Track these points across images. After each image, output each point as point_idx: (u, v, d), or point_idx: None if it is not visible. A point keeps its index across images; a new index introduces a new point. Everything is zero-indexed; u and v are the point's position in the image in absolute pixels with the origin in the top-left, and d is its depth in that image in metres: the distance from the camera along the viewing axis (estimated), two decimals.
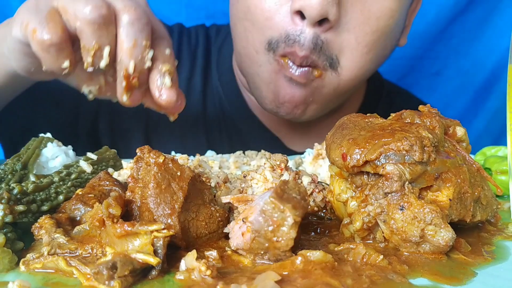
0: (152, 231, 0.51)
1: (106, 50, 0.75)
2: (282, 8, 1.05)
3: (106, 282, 0.47)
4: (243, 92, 1.43)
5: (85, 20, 0.72)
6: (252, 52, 1.14)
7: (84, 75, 0.81)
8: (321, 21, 1.01)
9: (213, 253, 0.54)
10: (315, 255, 0.51)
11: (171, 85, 0.78)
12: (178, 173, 0.58)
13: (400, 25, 1.17)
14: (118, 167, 0.85)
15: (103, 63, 0.75)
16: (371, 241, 0.60)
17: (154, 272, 0.51)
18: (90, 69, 0.76)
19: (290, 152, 1.28)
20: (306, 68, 1.07)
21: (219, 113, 1.45)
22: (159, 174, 0.57)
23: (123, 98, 0.78)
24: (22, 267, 0.53)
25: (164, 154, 0.59)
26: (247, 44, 1.15)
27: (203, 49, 1.50)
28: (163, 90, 0.77)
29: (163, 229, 0.52)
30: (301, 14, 1.02)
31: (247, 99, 1.43)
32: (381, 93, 1.54)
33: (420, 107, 0.68)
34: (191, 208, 0.58)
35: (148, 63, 0.77)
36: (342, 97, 1.24)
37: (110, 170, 0.78)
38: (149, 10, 0.82)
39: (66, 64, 0.75)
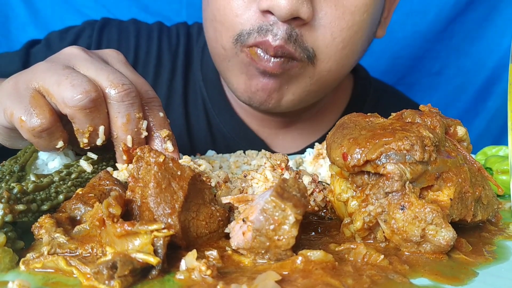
0: (152, 231, 0.51)
1: (101, 130, 0.75)
2: (252, 6, 1.03)
3: (106, 282, 0.47)
4: (226, 92, 1.41)
5: (76, 107, 0.71)
6: (221, 50, 1.12)
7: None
8: (294, 18, 0.99)
9: (213, 253, 0.54)
10: (315, 255, 0.51)
11: (173, 149, 0.80)
12: (179, 173, 0.58)
13: (376, 18, 1.16)
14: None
15: (99, 142, 0.76)
16: (371, 241, 0.60)
17: (154, 272, 0.50)
18: (86, 147, 0.77)
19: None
20: (280, 59, 1.04)
21: (202, 115, 1.43)
22: (159, 174, 0.57)
23: (124, 166, 0.79)
24: (22, 267, 0.52)
25: (165, 154, 0.59)
26: (216, 44, 1.13)
27: (184, 49, 1.47)
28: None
29: (163, 228, 0.51)
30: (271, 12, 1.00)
31: (230, 100, 1.41)
32: (369, 91, 1.53)
33: (421, 107, 0.68)
34: (192, 208, 0.58)
35: (144, 133, 0.78)
36: (321, 91, 1.21)
37: (109, 169, 0.78)
38: (132, 73, 0.82)
39: (60, 144, 0.75)
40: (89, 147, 0.77)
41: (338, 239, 0.62)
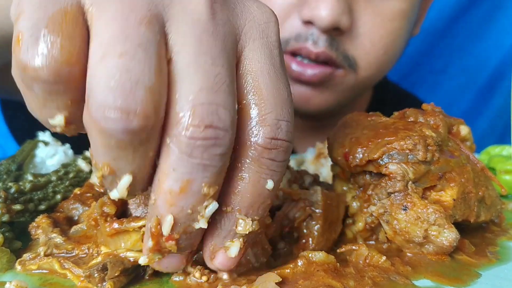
0: (140, 227, 0.50)
1: (124, 181, 0.39)
2: (291, 15, 1.03)
3: (99, 285, 0.47)
4: None
5: (98, 128, 0.36)
6: None
7: None
8: (334, 28, 1.00)
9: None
10: (317, 256, 0.50)
11: (236, 255, 0.45)
12: None
13: (413, 21, 1.17)
14: None
15: (114, 195, 0.40)
16: (373, 242, 0.60)
17: (148, 270, 0.50)
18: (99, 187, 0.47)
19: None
20: (319, 71, 1.05)
21: None
22: None
23: (143, 260, 0.43)
24: (18, 267, 0.52)
25: None
26: None
27: None
28: (219, 254, 0.45)
29: None
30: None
31: None
32: (388, 97, 1.54)
33: (424, 106, 0.68)
34: None
35: (200, 224, 0.41)
36: (358, 95, 1.24)
37: None
38: (274, 86, 0.43)
39: (57, 120, 0.39)
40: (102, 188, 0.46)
41: (340, 240, 0.62)
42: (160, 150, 0.39)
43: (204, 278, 0.48)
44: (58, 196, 0.65)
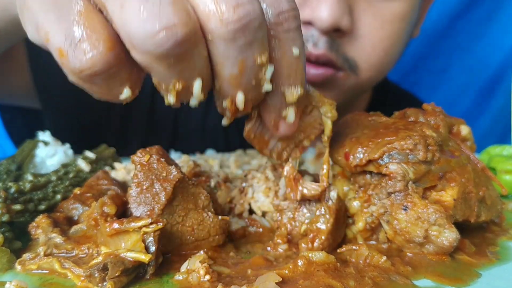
0: (140, 227, 0.50)
1: (197, 86, 0.47)
2: None
3: (99, 285, 0.47)
4: None
5: (152, 54, 0.43)
6: None
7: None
8: (334, 30, 0.99)
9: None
10: (317, 256, 0.50)
11: (294, 120, 0.54)
12: (164, 174, 0.56)
13: (414, 23, 1.16)
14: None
15: (194, 102, 0.49)
16: (374, 242, 0.59)
17: (149, 270, 0.50)
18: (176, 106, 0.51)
19: None
20: (322, 71, 1.04)
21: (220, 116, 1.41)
22: (141, 174, 0.56)
23: (224, 121, 0.55)
24: (18, 267, 0.52)
25: (152, 154, 0.57)
26: None
27: None
28: (281, 123, 0.55)
29: (151, 223, 0.50)
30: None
31: None
32: (388, 98, 1.53)
33: (424, 106, 0.68)
34: (178, 212, 0.56)
35: (267, 87, 0.50)
36: (357, 96, 1.23)
37: (107, 168, 0.77)
38: None
39: (126, 93, 0.48)
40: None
41: (340, 240, 0.61)
42: (208, 48, 0.46)
43: (207, 277, 0.48)
44: (58, 196, 0.65)
